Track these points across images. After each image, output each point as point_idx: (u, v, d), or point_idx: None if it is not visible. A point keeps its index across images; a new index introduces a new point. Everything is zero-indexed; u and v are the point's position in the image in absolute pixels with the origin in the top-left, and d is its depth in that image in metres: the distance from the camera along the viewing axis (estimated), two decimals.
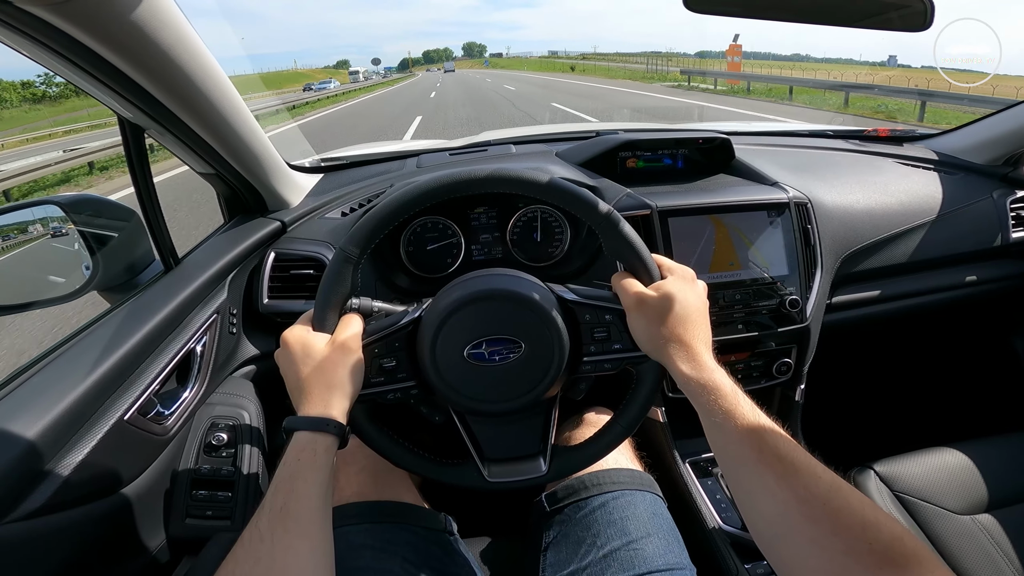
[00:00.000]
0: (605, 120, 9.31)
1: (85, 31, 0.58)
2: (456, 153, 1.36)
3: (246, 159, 0.95)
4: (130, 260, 0.94)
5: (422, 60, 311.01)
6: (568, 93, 20.96)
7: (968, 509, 0.97)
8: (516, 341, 0.66)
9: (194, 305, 0.87)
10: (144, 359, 0.76)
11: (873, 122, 10.40)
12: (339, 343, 0.63)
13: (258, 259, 1.03)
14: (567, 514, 0.80)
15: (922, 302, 1.29)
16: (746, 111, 12.13)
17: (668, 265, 0.69)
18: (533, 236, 1.11)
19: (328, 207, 1.14)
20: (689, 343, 0.61)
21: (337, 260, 0.66)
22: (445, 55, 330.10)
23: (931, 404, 1.64)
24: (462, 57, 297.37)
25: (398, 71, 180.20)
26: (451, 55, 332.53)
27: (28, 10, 0.53)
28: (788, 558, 0.48)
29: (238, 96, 0.86)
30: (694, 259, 1.02)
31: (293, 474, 0.55)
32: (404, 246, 1.08)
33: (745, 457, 0.52)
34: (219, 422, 0.87)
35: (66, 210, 0.90)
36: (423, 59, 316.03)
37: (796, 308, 1.03)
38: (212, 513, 0.81)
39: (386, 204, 0.67)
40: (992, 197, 1.33)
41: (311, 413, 0.59)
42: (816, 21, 0.98)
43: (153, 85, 0.70)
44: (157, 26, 0.64)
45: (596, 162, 1.17)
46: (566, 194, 0.67)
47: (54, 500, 0.60)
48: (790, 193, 1.07)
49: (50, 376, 0.67)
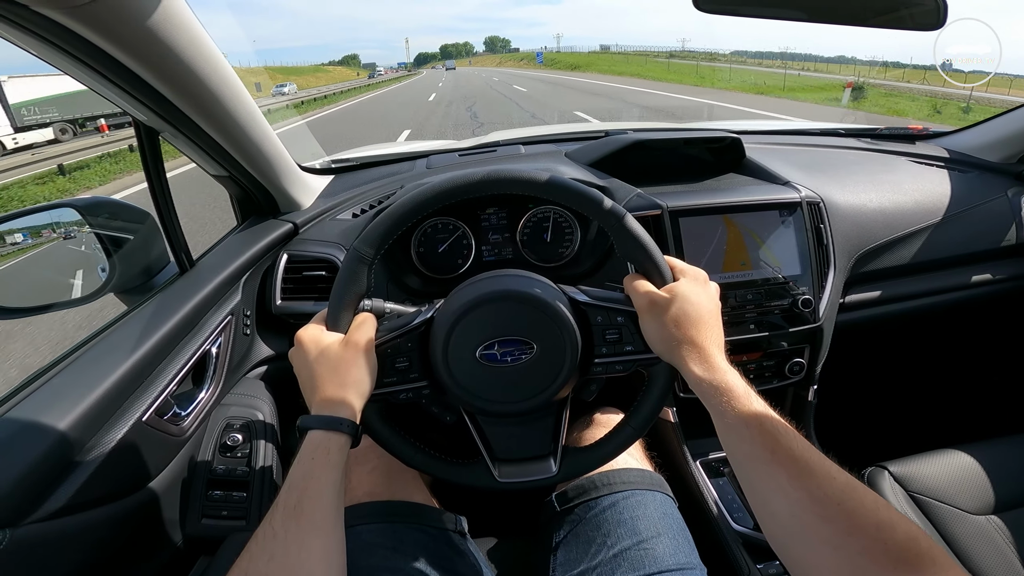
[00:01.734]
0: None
1: (100, 34, 0.59)
2: (465, 154, 1.37)
3: (258, 162, 0.96)
4: (146, 262, 0.96)
5: (439, 56, 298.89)
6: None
7: (983, 509, 0.96)
8: (528, 342, 0.66)
9: (209, 307, 0.88)
10: (161, 360, 0.77)
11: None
12: (352, 343, 0.64)
13: (271, 261, 1.04)
14: (577, 514, 0.80)
15: (936, 301, 1.28)
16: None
17: (680, 267, 0.69)
18: (543, 237, 1.11)
19: (339, 209, 1.15)
20: (701, 345, 0.61)
21: (351, 260, 0.66)
22: (465, 50, 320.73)
23: (945, 404, 1.63)
24: (484, 52, 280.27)
25: (416, 66, 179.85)
26: (472, 50, 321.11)
27: (44, 13, 0.54)
28: (802, 559, 0.48)
29: (251, 100, 0.86)
30: (705, 259, 1.02)
31: (307, 473, 0.56)
32: (415, 247, 1.08)
33: (758, 457, 0.52)
34: (234, 422, 0.88)
35: (82, 213, 0.91)
36: (440, 54, 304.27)
37: (809, 308, 1.03)
38: (227, 513, 0.82)
39: (400, 204, 0.67)
40: (1007, 195, 1.31)
41: (324, 412, 0.60)
42: (828, 20, 0.97)
43: (167, 89, 0.71)
44: (171, 30, 0.65)
45: (606, 162, 1.17)
46: (578, 195, 0.67)
47: (75, 501, 0.60)
48: (802, 192, 1.06)
49: (70, 378, 0.68)
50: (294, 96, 29.85)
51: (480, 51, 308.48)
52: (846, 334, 1.16)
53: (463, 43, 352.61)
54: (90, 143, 12.25)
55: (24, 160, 10.44)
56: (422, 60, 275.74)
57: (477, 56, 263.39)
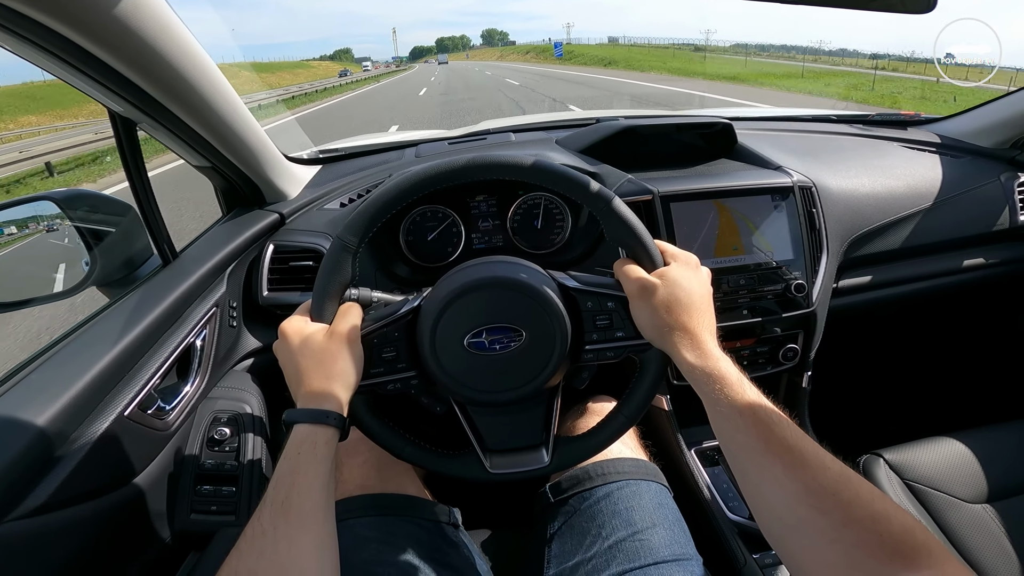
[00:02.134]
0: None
1: (65, 24, 0.57)
2: (455, 142, 1.35)
3: (240, 151, 0.95)
4: (128, 255, 0.94)
5: (435, 49, 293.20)
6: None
7: (979, 497, 0.96)
8: (517, 329, 0.65)
9: (193, 299, 0.87)
10: (143, 354, 0.76)
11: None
12: (338, 333, 0.62)
13: (257, 251, 1.03)
14: (572, 505, 0.79)
15: (929, 286, 1.28)
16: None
17: (671, 251, 0.68)
18: (534, 223, 1.10)
19: (327, 198, 1.13)
20: (693, 330, 0.60)
21: (335, 249, 0.65)
22: (462, 43, 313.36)
23: (940, 390, 1.63)
24: (481, 45, 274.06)
25: (410, 60, 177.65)
26: (468, 43, 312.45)
27: (7, 4, 0.52)
28: (797, 550, 0.47)
29: (230, 88, 0.85)
30: (697, 244, 1.01)
31: (294, 468, 0.55)
32: (404, 235, 1.07)
33: (752, 447, 0.51)
34: (221, 416, 0.87)
35: (62, 206, 0.90)
36: (436, 48, 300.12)
37: (802, 293, 1.02)
38: (217, 508, 0.81)
39: (383, 192, 0.66)
40: (1000, 180, 1.31)
41: (310, 405, 0.58)
42: (820, 3, 0.96)
43: (140, 78, 0.69)
44: (141, 17, 0.63)
45: (596, 148, 1.16)
46: (566, 180, 0.66)
47: (57, 497, 0.59)
48: (794, 177, 1.06)
49: (48, 372, 0.66)
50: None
51: (477, 44, 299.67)
52: (840, 319, 1.15)
53: (459, 36, 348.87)
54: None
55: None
56: (417, 54, 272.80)
57: (475, 49, 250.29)
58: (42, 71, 0.68)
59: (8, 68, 37.28)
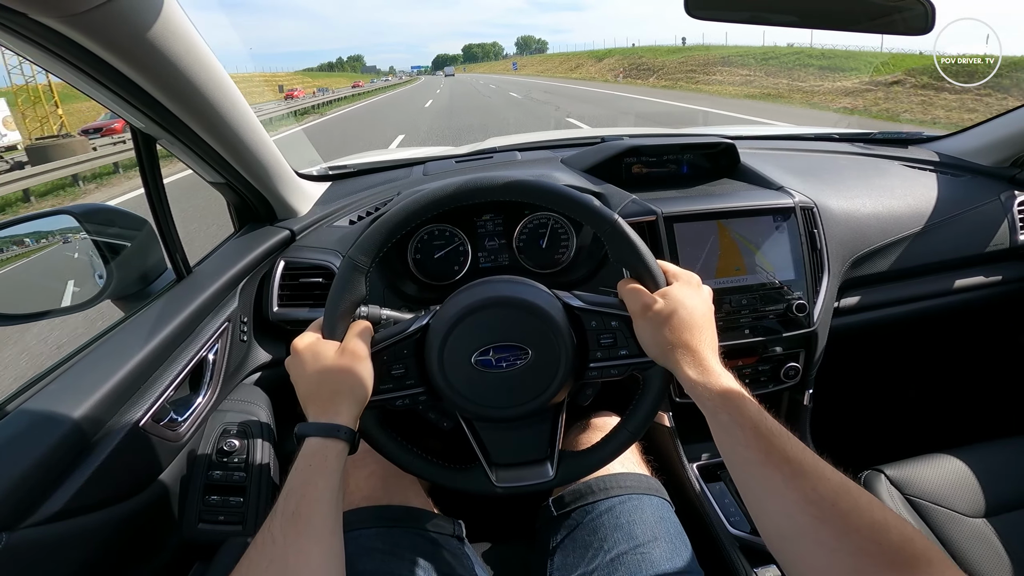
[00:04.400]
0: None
1: (98, 42, 0.60)
2: (462, 160, 1.37)
3: (255, 169, 0.97)
4: (143, 269, 0.96)
5: (461, 58, 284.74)
6: None
7: (980, 512, 0.96)
8: (523, 348, 0.66)
9: (206, 313, 0.88)
10: (158, 367, 0.77)
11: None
12: (349, 350, 0.64)
13: (268, 267, 1.04)
14: (574, 518, 0.80)
15: (929, 305, 1.29)
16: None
17: (674, 271, 0.69)
18: (539, 243, 1.12)
19: (336, 215, 1.15)
20: (696, 348, 0.61)
21: (346, 268, 0.67)
22: (493, 51, 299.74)
23: (941, 407, 1.63)
24: (516, 54, 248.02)
25: (433, 69, 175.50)
26: (500, 51, 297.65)
27: (42, 21, 0.54)
28: (797, 560, 0.48)
29: (247, 107, 0.87)
30: (700, 264, 1.02)
31: (305, 479, 0.56)
32: (411, 254, 1.09)
33: (753, 459, 0.53)
34: (231, 428, 0.88)
35: (80, 220, 0.91)
36: (463, 57, 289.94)
37: (803, 312, 1.03)
38: (225, 518, 0.82)
39: (395, 213, 0.68)
40: (1000, 199, 1.32)
41: (322, 419, 0.60)
42: (819, 26, 0.98)
43: (164, 96, 0.72)
44: (169, 38, 0.65)
45: (601, 168, 1.18)
46: (571, 201, 0.68)
47: (71, 505, 0.61)
48: (796, 198, 1.07)
49: (67, 383, 0.68)
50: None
51: (510, 52, 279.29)
52: (841, 338, 1.16)
53: (491, 43, 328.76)
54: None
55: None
56: (440, 63, 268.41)
57: (512, 57, 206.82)
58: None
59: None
